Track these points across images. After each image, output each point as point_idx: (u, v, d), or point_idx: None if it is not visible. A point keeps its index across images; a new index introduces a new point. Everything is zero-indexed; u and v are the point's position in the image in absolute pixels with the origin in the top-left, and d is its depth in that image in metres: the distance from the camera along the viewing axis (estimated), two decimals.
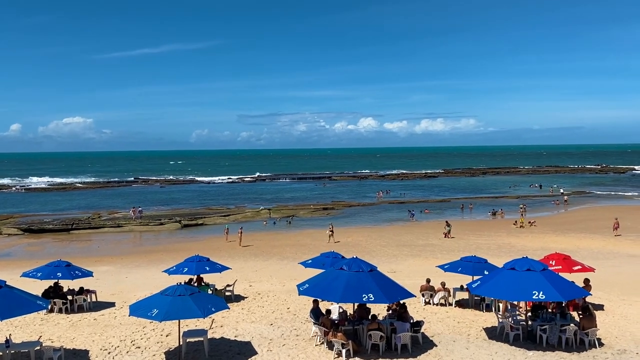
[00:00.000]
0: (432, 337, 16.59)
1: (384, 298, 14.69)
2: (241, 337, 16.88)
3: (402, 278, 22.92)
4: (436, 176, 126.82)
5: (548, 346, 15.51)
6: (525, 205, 59.26)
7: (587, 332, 15.58)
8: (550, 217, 54.44)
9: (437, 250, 35.52)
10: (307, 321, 17.87)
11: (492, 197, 75.91)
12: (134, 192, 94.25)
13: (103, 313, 20.35)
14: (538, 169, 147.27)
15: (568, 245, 34.82)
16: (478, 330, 17.35)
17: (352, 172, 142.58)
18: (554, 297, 14.88)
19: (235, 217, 57.81)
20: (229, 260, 28.86)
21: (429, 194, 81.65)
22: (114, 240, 44.57)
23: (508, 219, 51.20)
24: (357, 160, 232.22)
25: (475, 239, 39.65)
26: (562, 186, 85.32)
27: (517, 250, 33.69)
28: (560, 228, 45.05)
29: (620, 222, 42.09)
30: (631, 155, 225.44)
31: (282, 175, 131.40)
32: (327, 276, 15.93)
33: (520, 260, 16.35)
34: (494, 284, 15.77)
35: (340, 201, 72.66)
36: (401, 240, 40.01)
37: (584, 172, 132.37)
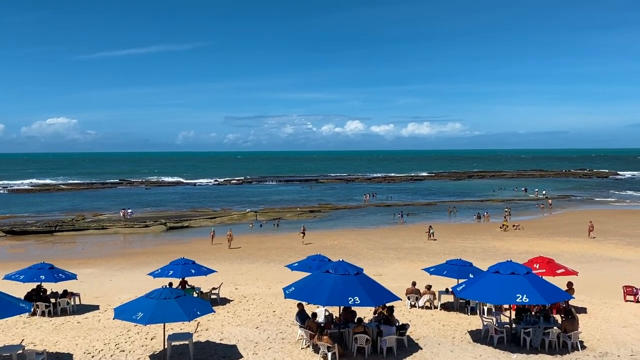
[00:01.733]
0: (418, 340, 16.66)
1: (370, 301, 14.73)
2: (227, 340, 16.81)
3: (388, 281, 23.00)
4: (422, 179, 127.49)
5: (531, 349, 15.66)
6: (510, 209, 59.79)
7: (569, 335, 15.76)
8: (535, 220, 54.99)
9: (423, 253, 35.70)
10: (293, 324, 17.85)
11: (477, 200, 76.49)
12: (118, 193, 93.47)
13: (87, 316, 20.15)
14: (523, 172, 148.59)
15: (552, 249, 35.20)
16: (463, 333, 17.46)
17: (338, 174, 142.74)
18: (537, 300, 15.04)
19: (222, 219, 57.57)
20: (214, 263, 28.74)
21: (416, 197, 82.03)
22: (98, 243, 44.15)
23: (493, 222, 51.63)
24: (344, 163, 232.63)
25: (460, 242, 39.91)
26: (547, 190, 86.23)
27: (502, 253, 33.98)
28: (545, 232, 45.52)
29: (603, 226, 42.66)
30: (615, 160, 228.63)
31: (269, 178, 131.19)
32: (313, 279, 15.93)
33: (505, 263, 16.50)
34: (479, 287, 15.90)
35: (327, 204, 72.71)
36: (387, 243, 40.15)
37: (568, 177, 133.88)
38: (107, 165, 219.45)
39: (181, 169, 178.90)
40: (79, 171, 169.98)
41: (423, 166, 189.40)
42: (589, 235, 41.82)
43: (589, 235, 41.85)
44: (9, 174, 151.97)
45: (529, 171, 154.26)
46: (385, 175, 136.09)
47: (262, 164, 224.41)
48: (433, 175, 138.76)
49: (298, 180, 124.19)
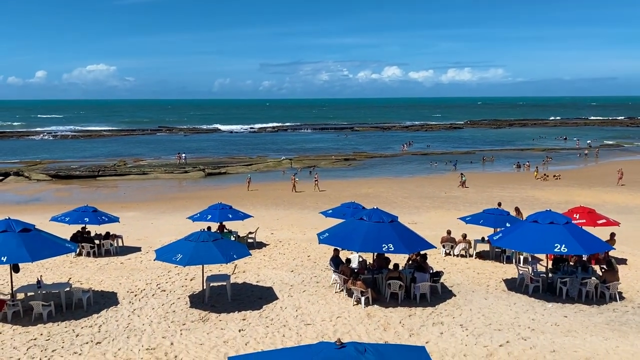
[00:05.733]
0: (452, 287, 16.72)
1: (404, 248, 14.77)
2: (263, 282, 17.26)
3: (423, 229, 22.95)
4: (462, 127, 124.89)
5: (568, 298, 15.52)
6: (548, 158, 58.26)
7: (608, 285, 15.50)
8: (576, 170, 53.50)
9: (460, 202, 35.36)
10: (327, 269, 18.14)
11: (517, 149, 74.71)
12: (158, 140, 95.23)
13: (129, 257, 20.96)
14: (567, 120, 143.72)
15: (593, 199, 34.29)
16: (497, 282, 17.42)
17: (375, 123, 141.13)
18: (576, 250, 14.77)
19: (257, 166, 58.19)
20: (250, 209, 29.22)
21: (455, 146, 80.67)
22: (139, 187, 45.42)
23: (533, 172, 50.46)
24: (380, 111, 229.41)
25: (498, 192, 39.28)
26: (591, 140, 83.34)
27: (541, 203, 33.31)
28: (586, 182, 44.31)
29: None
30: None
31: (303, 126, 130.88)
32: (347, 226, 16.03)
33: (543, 213, 16.17)
34: (516, 236, 15.69)
35: (362, 152, 72.36)
36: (423, 192, 39.88)
37: (614, 125, 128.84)
38: (145, 112, 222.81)
39: (218, 117, 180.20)
40: (118, 118, 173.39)
41: (463, 114, 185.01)
42: (618, 183, 41.74)
43: (617, 183, 41.75)
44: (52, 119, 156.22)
45: (572, 119, 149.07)
46: (423, 124, 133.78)
47: (297, 112, 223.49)
48: (473, 123, 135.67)
49: (333, 128, 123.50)
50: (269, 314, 14.45)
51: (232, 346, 12.45)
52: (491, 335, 12.96)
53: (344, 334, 13.05)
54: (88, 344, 12.59)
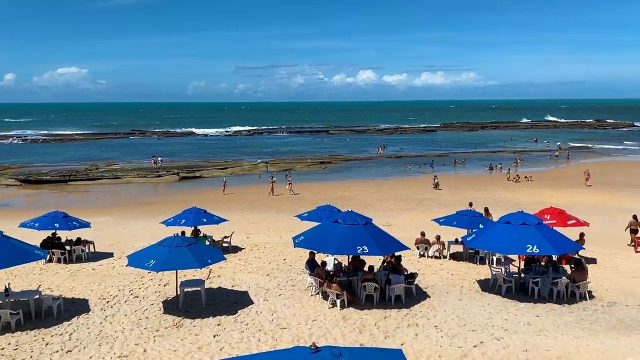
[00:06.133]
0: (426, 288, 16.86)
1: (378, 250, 14.87)
2: (238, 287, 17.14)
3: (398, 231, 23.10)
4: (435, 130, 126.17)
5: (539, 298, 15.80)
6: (519, 160, 59.32)
7: (578, 284, 15.83)
8: (546, 172, 54.57)
9: (433, 204, 35.72)
10: (303, 272, 18.12)
11: (489, 151, 75.82)
12: (131, 144, 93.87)
13: (101, 263, 20.59)
14: (537, 123, 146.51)
15: (563, 200, 34.96)
16: (471, 282, 17.63)
17: (350, 126, 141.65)
18: (547, 250, 15.07)
19: (233, 170, 57.83)
20: (226, 213, 29.00)
21: (428, 149, 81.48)
22: (111, 192, 44.68)
23: (505, 173, 51.25)
24: (356, 114, 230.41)
25: (471, 193, 39.76)
26: (561, 142, 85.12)
27: (513, 204, 33.84)
28: (557, 183, 45.22)
29: (617, 177, 42.35)
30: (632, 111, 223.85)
31: (279, 129, 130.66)
32: (322, 229, 16.05)
33: (516, 214, 16.44)
34: (489, 238, 15.92)
35: (338, 155, 72.56)
36: (398, 194, 40.17)
37: (583, 127, 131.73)
38: (118, 115, 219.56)
39: (192, 120, 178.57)
40: (90, 122, 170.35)
41: (436, 117, 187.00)
42: (586, 184, 42.64)
43: (585, 184, 42.68)
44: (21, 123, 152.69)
45: (542, 122, 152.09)
46: (397, 127, 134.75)
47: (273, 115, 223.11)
48: (446, 126, 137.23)
49: (309, 132, 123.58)
50: (244, 318, 14.35)
51: (206, 352, 12.32)
52: (465, 336, 13.11)
53: (320, 337, 13.03)
54: (58, 352, 12.31)
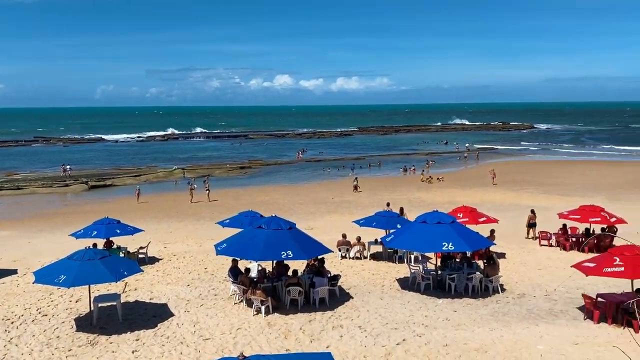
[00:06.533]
0: (349, 289, 17.08)
1: (303, 254, 14.88)
2: (157, 299, 16.48)
3: (320, 234, 23.23)
4: (351, 134, 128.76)
5: (456, 293, 16.49)
6: (431, 161, 61.91)
7: (491, 279, 16.69)
8: (457, 172, 57.25)
9: (353, 206, 36.35)
10: (226, 280, 17.75)
11: (403, 154, 78.45)
12: (34, 151, 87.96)
13: (4, 281, 19.04)
14: (447, 126, 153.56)
15: (474, 199, 36.80)
16: (392, 281, 18.08)
17: (269, 130, 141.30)
18: (462, 247, 15.78)
19: (147, 177, 55.74)
20: (141, 222, 27.83)
21: (346, 152, 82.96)
22: (13, 204, 41.52)
23: (419, 175, 53.22)
24: (274, 118, 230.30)
25: (388, 195, 40.87)
26: (469, 143, 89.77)
27: (427, 204, 35.17)
28: (467, 182, 47.55)
29: (520, 176, 45.30)
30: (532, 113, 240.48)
31: (195, 134, 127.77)
32: (245, 235, 15.82)
33: (431, 213, 17.08)
34: (407, 237, 16.42)
35: (258, 160, 72.08)
36: (318, 198, 40.51)
37: (488, 129, 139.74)
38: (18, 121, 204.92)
39: (101, 125, 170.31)
40: None
41: (352, 121, 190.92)
42: (492, 183, 45.25)
43: (492, 183, 45.22)
44: None
45: (452, 125, 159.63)
46: (315, 131, 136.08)
47: (189, 119, 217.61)
48: (362, 130, 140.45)
49: (227, 136, 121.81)
50: (165, 331, 13.80)
51: None
52: (388, 334, 13.39)
53: (245, 345, 12.80)
54: None
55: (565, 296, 16.13)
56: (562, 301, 15.71)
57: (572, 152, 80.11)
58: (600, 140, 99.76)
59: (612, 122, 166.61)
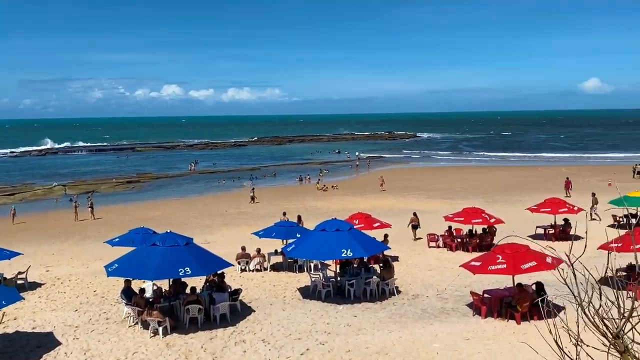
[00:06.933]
0: (250, 303, 16.87)
1: (201, 270, 14.47)
2: (40, 328, 15.14)
3: (218, 248, 22.73)
4: (245, 145, 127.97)
5: (355, 298, 16.91)
6: (325, 170, 63.34)
7: (387, 282, 17.33)
8: (350, 180, 58.99)
9: (250, 217, 36.05)
10: (118, 303, 16.75)
11: (298, 163, 79.37)
12: None
13: None
14: (338, 136, 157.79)
15: (366, 205, 38.08)
16: (293, 291, 18.13)
17: (157, 142, 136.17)
18: (360, 253, 16.24)
19: (23, 195, 51.21)
20: (18, 245, 25.50)
21: (240, 163, 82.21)
22: None
23: (314, 183, 54.14)
24: (163, 130, 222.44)
25: (285, 204, 41.08)
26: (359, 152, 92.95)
27: (323, 212, 35.82)
28: (359, 190, 49.13)
29: (407, 182, 47.65)
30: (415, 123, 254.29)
31: (77, 148, 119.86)
32: (139, 253, 15.06)
33: (330, 221, 17.42)
34: (307, 246, 16.59)
35: (147, 173, 69.11)
36: (213, 210, 39.68)
37: (376, 139, 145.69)
38: None
39: None
40: None
41: (245, 132, 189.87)
42: (380, 189, 47.02)
43: (380, 188, 47.08)
44: None
45: (343, 134, 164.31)
46: (208, 142, 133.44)
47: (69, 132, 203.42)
48: (256, 141, 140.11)
49: (112, 149, 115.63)
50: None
51: None
52: (292, 345, 13.39)
53: None
54: None
55: (455, 294, 17.16)
56: (452, 299, 16.70)
57: (451, 158, 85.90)
58: (476, 147, 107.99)
59: (485, 130, 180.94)
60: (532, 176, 55.56)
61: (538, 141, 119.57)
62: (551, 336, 3.00)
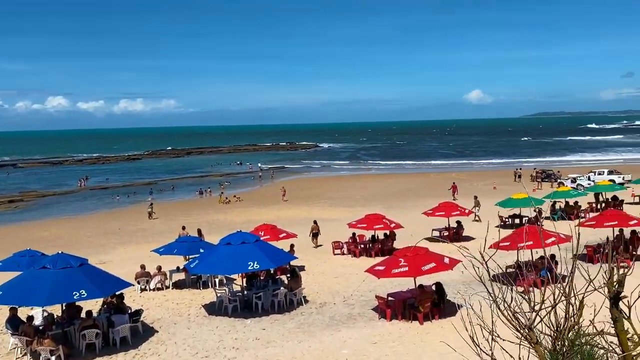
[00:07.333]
0: (152, 323, 16.09)
1: (98, 292, 13.60)
2: None
3: (115, 268, 21.51)
4: (140, 158, 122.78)
5: (263, 311, 16.70)
6: (226, 183, 62.45)
7: (294, 292, 17.31)
8: (252, 191, 58.54)
9: (149, 234, 34.54)
10: (3, 333, 15.23)
11: (198, 176, 77.43)
12: None
13: None
14: (239, 147, 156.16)
15: (270, 216, 37.97)
16: (198, 309, 17.55)
17: (43, 157, 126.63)
18: (267, 265, 16.10)
19: None
20: None
21: (136, 177, 78.63)
22: None
23: (215, 196, 53.06)
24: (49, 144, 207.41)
25: (185, 219, 39.81)
26: (261, 163, 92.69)
27: (226, 225, 35.19)
28: (262, 201, 48.88)
29: (310, 191, 48.22)
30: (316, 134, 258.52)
31: None
32: (26, 278, 13.82)
33: (235, 234, 17.11)
34: (213, 261, 16.17)
35: (31, 191, 63.91)
36: (108, 228, 37.54)
37: (278, 150, 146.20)
38: None
39: None
40: None
41: (140, 144, 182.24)
42: (283, 199, 47.39)
43: (282, 199, 47.44)
44: None
45: (244, 146, 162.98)
46: (99, 156, 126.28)
47: None
48: (152, 154, 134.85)
49: None
50: None
51: None
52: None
53: None
54: None
55: (361, 299, 17.52)
56: (359, 305, 17.04)
57: (351, 167, 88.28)
58: (374, 156, 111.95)
59: (382, 140, 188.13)
60: (425, 182, 58.54)
61: (430, 149, 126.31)
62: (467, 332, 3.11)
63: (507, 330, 3.00)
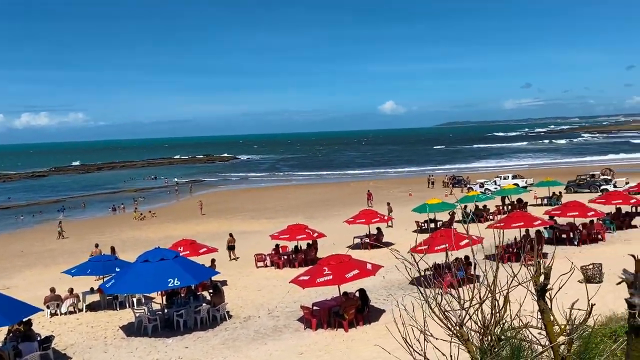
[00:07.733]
0: (65, 349, 15.11)
1: (4, 320, 12.57)
2: None
3: (21, 293, 20.00)
4: (46, 175, 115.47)
5: (186, 329, 16.16)
6: (140, 198, 60.20)
7: (217, 308, 16.91)
8: (169, 206, 56.75)
9: (58, 254, 32.48)
10: None
11: (110, 192, 74.03)
12: None
13: None
14: (152, 161, 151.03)
15: (189, 231, 36.94)
16: (115, 331, 16.69)
17: None
18: (188, 281, 15.61)
19: None
20: None
21: (40, 195, 73.78)
22: None
23: (130, 212, 50.92)
24: None
25: (98, 237, 37.80)
26: (177, 177, 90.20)
27: (142, 241, 33.85)
28: (179, 216, 47.50)
29: (230, 204, 47.51)
30: (233, 145, 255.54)
31: None
32: None
33: (153, 251, 16.49)
34: (130, 280, 15.47)
35: None
36: (10, 250, 34.90)
37: (194, 162, 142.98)
38: None
39: None
40: None
41: (45, 160, 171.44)
42: (200, 213, 46.46)
43: (200, 213, 46.45)
44: None
45: (158, 159, 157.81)
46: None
47: None
48: (58, 170, 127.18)
49: None
50: None
51: None
52: None
53: None
54: None
55: (286, 311, 17.42)
56: (284, 316, 16.92)
57: (271, 179, 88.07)
58: (293, 166, 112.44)
59: (301, 150, 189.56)
60: (345, 191, 59.56)
61: (348, 159, 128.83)
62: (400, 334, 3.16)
63: (438, 329, 3.09)
